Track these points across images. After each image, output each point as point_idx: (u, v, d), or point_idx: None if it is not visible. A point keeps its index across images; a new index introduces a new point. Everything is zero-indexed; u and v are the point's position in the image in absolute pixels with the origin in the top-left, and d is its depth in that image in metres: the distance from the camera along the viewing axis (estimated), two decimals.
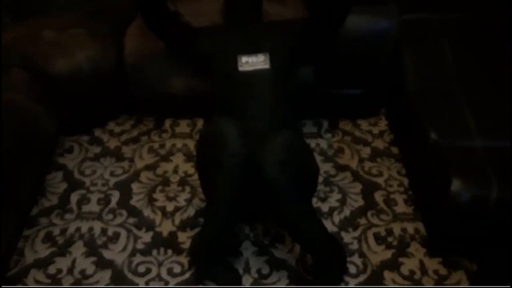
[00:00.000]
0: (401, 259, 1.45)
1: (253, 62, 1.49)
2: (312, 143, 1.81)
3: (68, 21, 1.78)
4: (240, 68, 1.49)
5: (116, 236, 1.52)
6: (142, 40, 1.74)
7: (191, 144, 1.82)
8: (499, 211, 1.30)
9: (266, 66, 1.49)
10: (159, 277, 1.41)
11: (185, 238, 1.51)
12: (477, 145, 1.40)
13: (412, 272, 1.42)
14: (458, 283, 1.39)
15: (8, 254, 1.44)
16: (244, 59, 1.50)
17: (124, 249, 1.49)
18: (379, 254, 1.46)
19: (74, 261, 1.45)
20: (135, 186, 1.67)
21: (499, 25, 1.79)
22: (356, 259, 1.45)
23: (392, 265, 1.43)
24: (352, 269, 1.42)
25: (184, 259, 1.45)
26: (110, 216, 1.59)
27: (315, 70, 1.74)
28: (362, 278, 1.40)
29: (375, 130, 1.87)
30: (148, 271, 1.43)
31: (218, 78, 1.56)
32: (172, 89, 1.79)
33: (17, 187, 1.47)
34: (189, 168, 1.73)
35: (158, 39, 1.63)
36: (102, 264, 1.45)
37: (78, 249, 1.49)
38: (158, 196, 1.64)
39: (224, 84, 1.53)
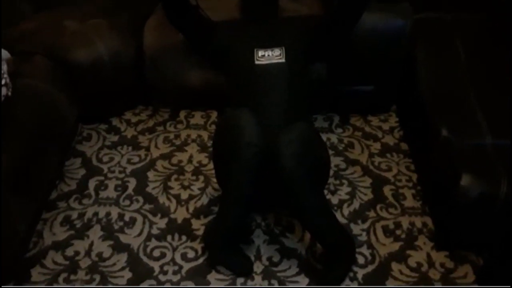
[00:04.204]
0: (408, 252, 1.48)
1: (269, 56, 1.52)
2: (323, 137, 1.83)
3: (89, 12, 1.82)
4: (257, 62, 1.52)
5: (132, 221, 1.57)
6: (160, 32, 1.78)
7: (205, 135, 1.87)
8: (507, 208, 1.32)
9: (282, 60, 1.52)
10: (173, 262, 1.46)
11: (198, 225, 1.56)
12: (487, 143, 1.42)
13: (419, 265, 1.45)
14: (464, 276, 1.42)
15: (27, 236, 1.49)
16: (260, 53, 1.53)
17: (140, 234, 1.53)
18: (387, 246, 1.50)
19: (91, 244, 1.50)
20: (151, 174, 1.72)
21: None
22: (364, 250, 1.49)
23: (400, 257, 1.47)
24: (360, 260, 1.46)
25: (197, 245, 1.50)
26: (127, 202, 1.63)
27: (328, 66, 1.77)
28: (370, 268, 1.44)
29: (385, 126, 1.90)
30: (163, 255, 1.48)
31: (235, 71, 1.59)
32: (188, 82, 1.84)
33: (37, 171, 1.52)
34: (203, 158, 1.78)
35: (178, 31, 1.67)
36: (119, 247, 1.50)
37: (95, 233, 1.54)
38: (173, 184, 1.69)
39: (240, 77, 1.56)
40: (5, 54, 1.52)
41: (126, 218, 1.58)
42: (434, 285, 1.40)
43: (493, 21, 1.84)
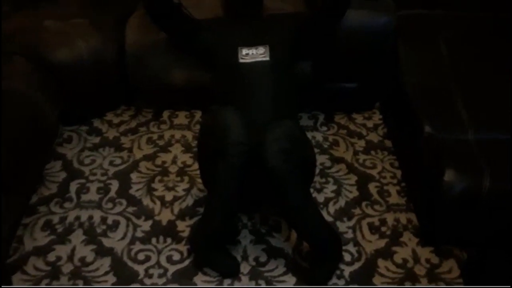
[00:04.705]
0: (394, 248, 1.49)
1: (253, 54, 1.52)
2: (308, 136, 1.83)
3: (69, 11, 1.78)
4: (241, 60, 1.51)
5: (116, 224, 1.54)
6: (143, 31, 1.75)
7: (190, 135, 1.84)
8: (490, 201, 1.33)
9: (266, 58, 1.51)
10: (158, 265, 1.44)
11: (184, 227, 1.54)
12: (470, 138, 1.44)
13: (405, 261, 1.46)
14: (449, 271, 1.43)
15: (8, 242, 1.45)
16: (244, 51, 1.52)
17: (124, 237, 1.51)
18: (373, 243, 1.50)
19: (73, 249, 1.47)
20: (134, 176, 1.69)
21: (495, 21, 1.83)
22: (351, 247, 1.49)
23: (386, 253, 1.48)
24: (347, 257, 1.46)
25: (183, 247, 1.48)
26: (110, 205, 1.60)
27: (313, 64, 1.77)
28: (356, 266, 1.44)
29: (370, 124, 1.91)
30: (148, 258, 1.45)
31: (219, 69, 1.58)
32: (171, 81, 1.81)
33: (19, 175, 1.48)
34: (188, 158, 1.75)
35: (160, 30, 1.65)
36: (102, 251, 1.47)
37: (77, 237, 1.50)
38: (157, 186, 1.66)
39: (225, 76, 1.55)
40: None
41: (109, 221, 1.55)
42: (419, 281, 1.40)
43: (475, 17, 1.86)
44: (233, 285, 1.39)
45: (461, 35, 1.79)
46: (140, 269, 1.43)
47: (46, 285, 1.38)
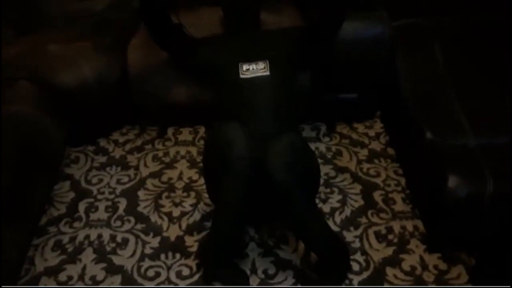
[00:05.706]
0: (401, 256, 1.49)
1: (253, 70, 1.54)
2: (312, 147, 1.85)
3: (72, 35, 1.82)
4: (242, 76, 1.54)
5: (125, 242, 1.56)
6: (145, 51, 1.79)
7: (194, 151, 1.87)
8: (494, 205, 1.34)
9: (267, 73, 1.54)
10: (168, 280, 1.45)
11: (192, 242, 1.55)
12: (471, 143, 1.45)
13: (413, 268, 1.46)
14: (457, 277, 1.44)
15: (18, 263, 1.47)
16: (245, 66, 1.55)
17: (133, 254, 1.52)
18: (380, 252, 1.51)
19: (84, 268, 1.49)
20: (141, 193, 1.71)
21: (488, 25, 1.85)
22: (358, 256, 1.49)
23: (394, 261, 1.48)
24: (355, 267, 1.46)
25: (192, 262, 1.49)
26: (118, 223, 1.62)
27: (312, 76, 1.79)
28: (365, 275, 1.45)
29: (371, 133, 1.93)
30: (158, 275, 1.47)
31: (221, 86, 1.61)
32: (174, 99, 1.84)
33: (26, 197, 1.50)
34: (193, 174, 1.78)
35: (162, 50, 1.68)
36: (112, 269, 1.48)
37: (87, 256, 1.52)
38: (164, 202, 1.68)
39: (227, 92, 1.58)
40: None
41: (118, 239, 1.57)
42: (428, 286, 1.41)
43: (469, 24, 1.88)
44: None
45: (456, 41, 1.81)
46: (150, 285, 1.44)
47: None
